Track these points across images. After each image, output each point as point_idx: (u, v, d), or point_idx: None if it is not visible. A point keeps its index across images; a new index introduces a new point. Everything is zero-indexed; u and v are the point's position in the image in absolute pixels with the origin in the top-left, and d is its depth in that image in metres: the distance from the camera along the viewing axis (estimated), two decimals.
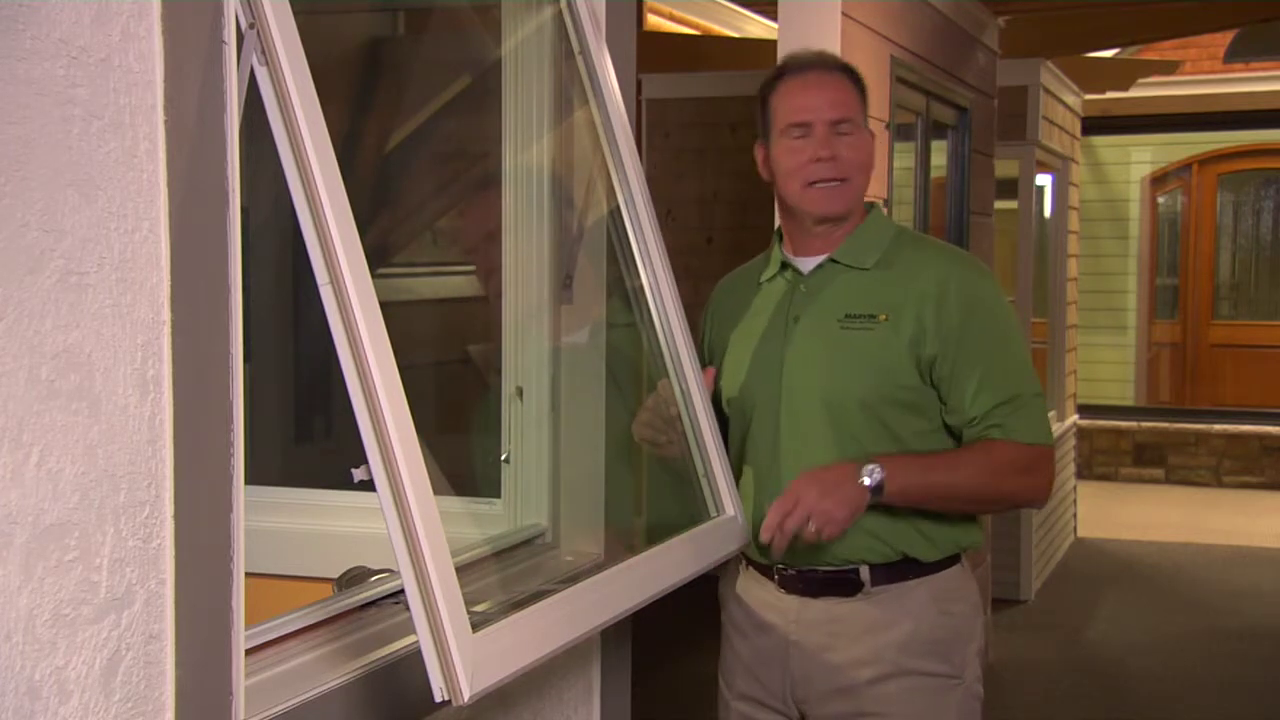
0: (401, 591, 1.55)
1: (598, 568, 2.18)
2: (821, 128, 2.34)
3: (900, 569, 2.36)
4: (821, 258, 2.43)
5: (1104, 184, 11.81)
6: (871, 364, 2.34)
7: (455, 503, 2.47)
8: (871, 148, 2.41)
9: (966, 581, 2.45)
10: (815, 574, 2.38)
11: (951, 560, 2.41)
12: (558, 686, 2.27)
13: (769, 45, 4.93)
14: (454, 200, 3.54)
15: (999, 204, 5.84)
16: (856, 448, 2.34)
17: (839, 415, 2.35)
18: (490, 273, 2.60)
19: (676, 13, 7.91)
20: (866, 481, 2.24)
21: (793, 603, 2.41)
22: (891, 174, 4.14)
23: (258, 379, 3.50)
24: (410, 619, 1.53)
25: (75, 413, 1.24)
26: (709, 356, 2.58)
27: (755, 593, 2.46)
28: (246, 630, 1.48)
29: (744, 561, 2.47)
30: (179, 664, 1.37)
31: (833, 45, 3.65)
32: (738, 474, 2.46)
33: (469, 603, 1.58)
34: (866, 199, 2.49)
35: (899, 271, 2.38)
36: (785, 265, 2.48)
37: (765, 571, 2.44)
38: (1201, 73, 10.72)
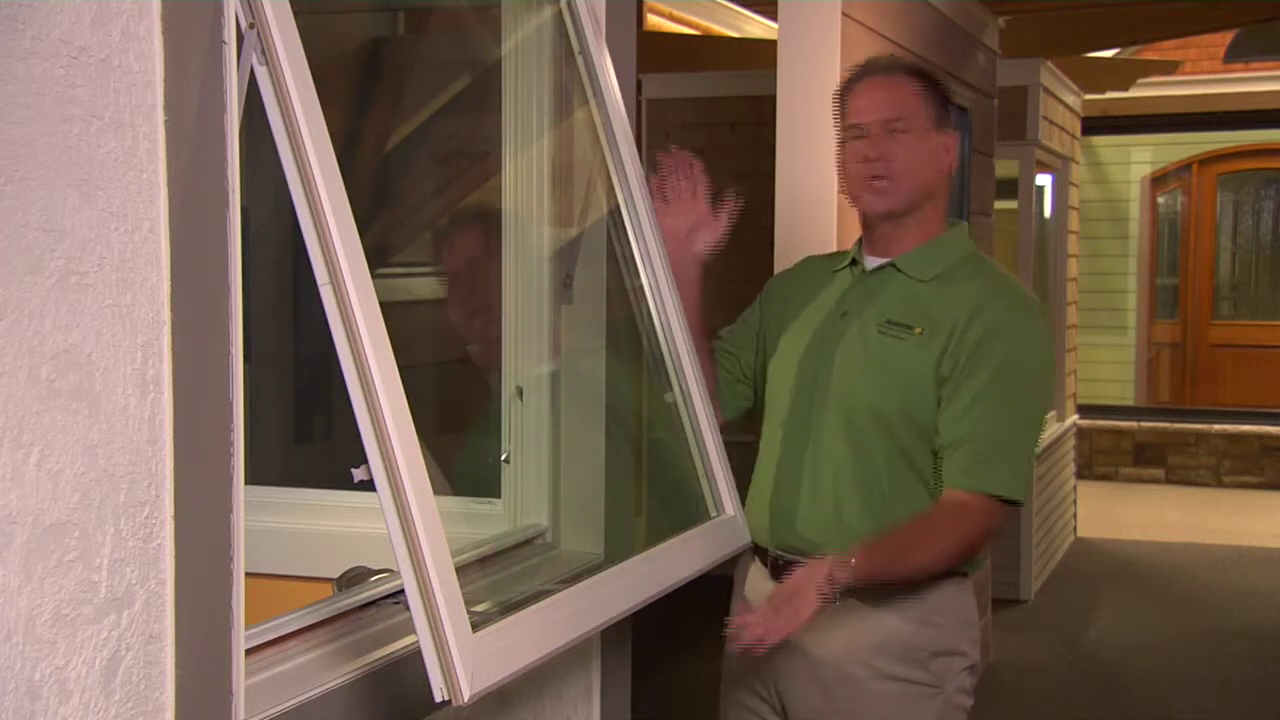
0: (401, 591, 1.55)
1: (598, 568, 2.18)
2: (875, 128, 2.36)
3: None
4: (886, 259, 2.44)
5: (1104, 184, 11.81)
6: (895, 374, 2.34)
7: (455, 503, 2.47)
8: (930, 150, 2.39)
9: (960, 597, 2.43)
10: (804, 564, 2.38)
11: (945, 575, 2.40)
12: (558, 686, 2.27)
13: (769, 45, 4.93)
14: (455, 200, 3.54)
15: (999, 204, 5.84)
16: (866, 452, 2.36)
17: (852, 417, 2.36)
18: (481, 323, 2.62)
19: (676, 13, 7.91)
20: (834, 584, 2.19)
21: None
22: None
23: (258, 379, 3.50)
24: (410, 619, 1.53)
25: (75, 413, 1.24)
26: (759, 312, 2.61)
27: (753, 578, 2.49)
28: (246, 630, 1.48)
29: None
30: (179, 664, 1.37)
31: (833, 45, 3.65)
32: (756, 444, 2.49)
33: (469, 603, 1.58)
34: (954, 218, 2.51)
35: (951, 291, 2.38)
36: (855, 261, 2.50)
37: (762, 557, 2.47)
38: (1201, 73, 10.72)
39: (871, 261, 2.46)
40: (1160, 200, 12.14)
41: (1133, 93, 9.06)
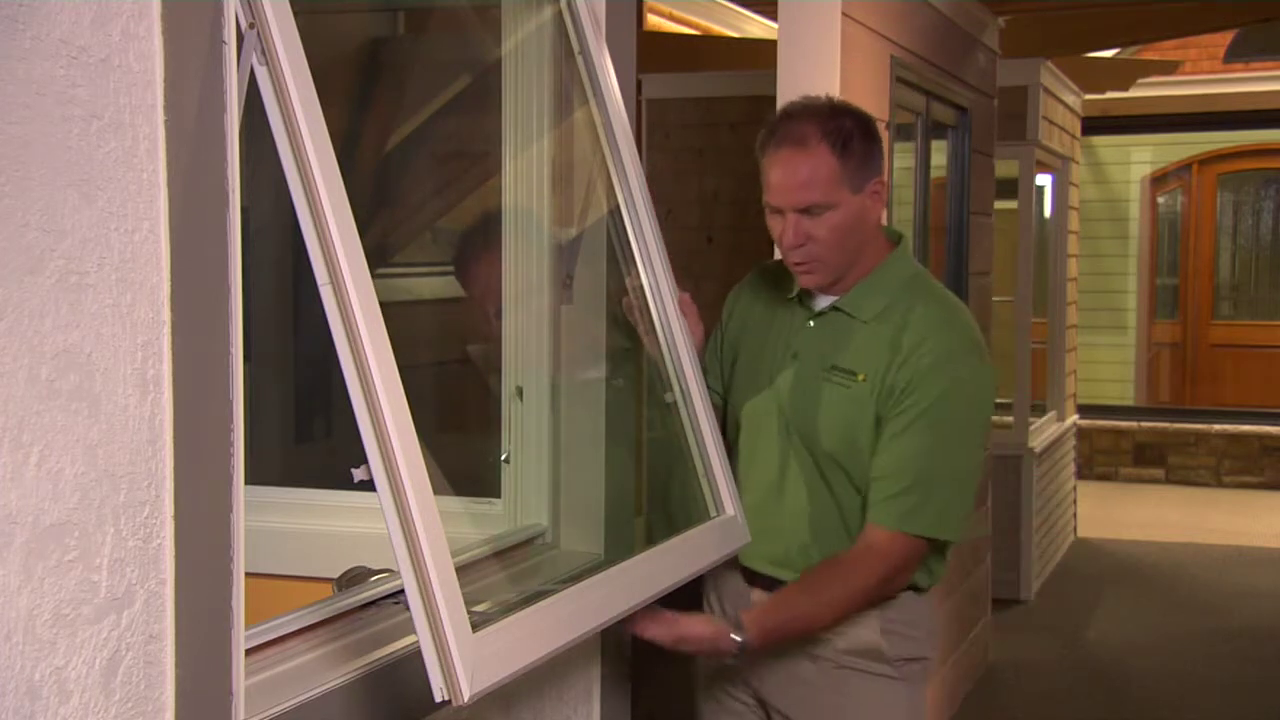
0: (401, 591, 1.55)
1: (597, 568, 2.18)
2: (791, 214, 2.30)
3: None
4: (831, 300, 2.42)
5: (1104, 184, 11.81)
6: (843, 421, 2.36)
7: (455, 503, 2.47)
8: (854, 217, 2.31)
9: (921, 610, 2.46)
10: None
11: (907, 589, 2.42)
12: (558, 686, 2.27)
13: (769, 45, 4.93)
14: (455, 200, 3.54)
15: (999, 204, 5.84)
16: (824, 490, 2.39)
17: (809, 455, 2.39)
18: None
19: (676, 13, 7.90)
20: (735, 647, 2.27)
21: (759, 596, 2.45)
22: (891, 174, 4.14)
23: (258, 379, 3.50)
24: (410, 619, 1.53)
25: (75, 413, 1.24)
26: (721, 333, 2.60)
27: (725, 579, 2.52)
28: (246, 630, 1.48)
29: None
30: (179, 664, 1.37)
31: (833, 45, 3.65)
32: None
33: (469, 603, 1.58)
34: (894, 231, 2.48)
35: (890, 329, 2.35)
36: (802, 297, 2.47)
37: (732, 563, 2.49)
38: (1201, 73, 10.72)
39: (819, 301, 2.43)
40: (1160, 200, 12.13)
41: (1133, 93, 9.06)
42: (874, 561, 2.32)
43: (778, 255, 2.75)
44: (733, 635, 2.26)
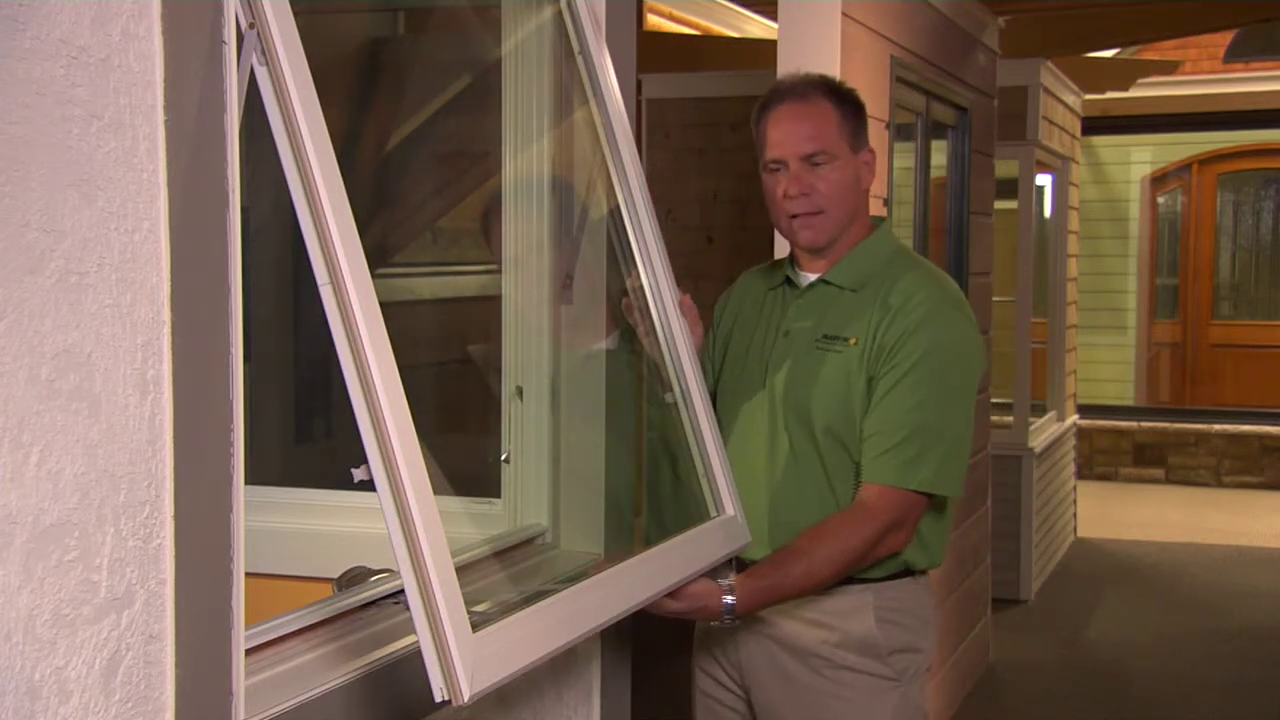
0: (401, 591, 1.55)
1: (598, 568, 2.18)
2: (795, 163, 2.36)
3: (845, 578, 2.39)
4: (816, 276, 2.46)
5: (1104, 184, 11.81)
6: (835, 387, 2.36)
7: (455, 503, 2.48)
8: (852, 175, 2.39)
9: (916, 595, 2.46)
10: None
11: (903, 573, 2.42)
12: (558, 686, 2.27)
13: (769, 45, 4.93)
14: (455, 200, 3.54)
15: (999, 204, 5.84)
16: (816, 467, 2.38)
17: (803, 434, 2.39)
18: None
19: (676, 13, 7.90)
20: (725, 610, 2.27)
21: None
22: (891, 174, 4.14)
23: (258, 379, 3.50)
24: (410, 619, 1.53)
25: (75, 413, 1.24)
26: (714, 334, 2.62)
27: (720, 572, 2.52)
28: (246, 630, 1.48)
29: None
30: (179, 664, 1.37)
31: (833, 45, 3.65)
32: None
33: (469, 603, 1.58)
34: (874, 213, 2.51)
35: (877, 294, 2.38)
36: (787, 279, 2.51)
37: None
38: (1201, 73, 10.73)
39: (805, 278, 2.48)
40: (1160, 200, 12.13)
41: (1133, 93, 9.06)
42: (864, 518, 2.31)
43: (778, 254, 2.76)
44: (724, 597, 2.26)
